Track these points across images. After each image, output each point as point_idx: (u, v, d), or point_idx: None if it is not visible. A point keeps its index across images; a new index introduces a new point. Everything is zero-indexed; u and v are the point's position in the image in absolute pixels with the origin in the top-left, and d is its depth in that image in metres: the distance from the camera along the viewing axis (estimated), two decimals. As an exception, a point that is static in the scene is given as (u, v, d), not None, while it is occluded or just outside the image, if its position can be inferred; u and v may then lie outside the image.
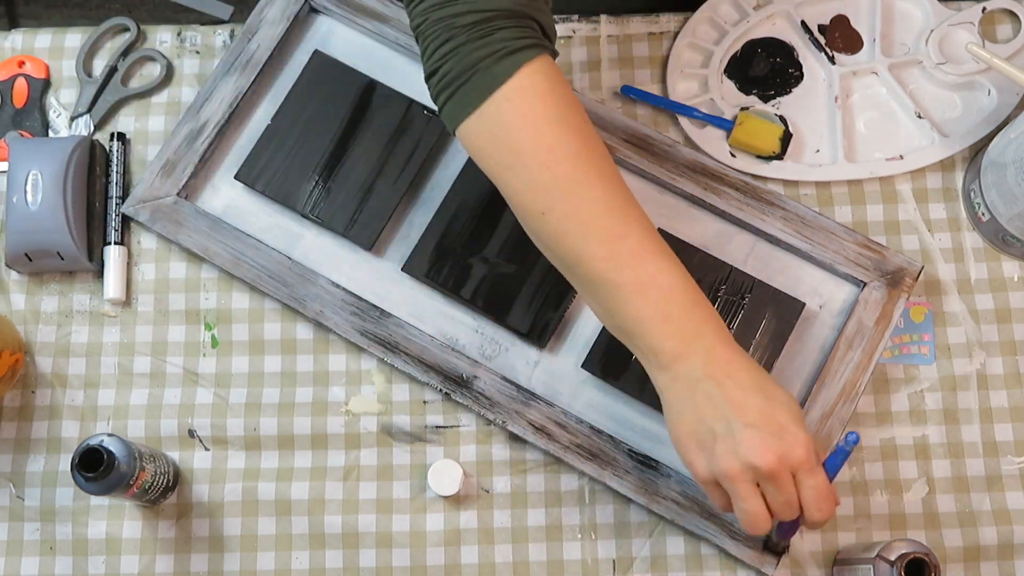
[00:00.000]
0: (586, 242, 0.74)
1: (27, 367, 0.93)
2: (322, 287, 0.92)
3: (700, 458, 0.72)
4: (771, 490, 0.71)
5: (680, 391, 0.73)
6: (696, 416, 0.72)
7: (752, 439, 0.70)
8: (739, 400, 0.71)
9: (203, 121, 0.96)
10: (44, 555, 0.89)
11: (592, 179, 0.74)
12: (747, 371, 0.72)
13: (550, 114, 0.74)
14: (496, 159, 0.75)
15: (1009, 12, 1.01)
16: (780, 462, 0.70)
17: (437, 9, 0.74)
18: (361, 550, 0.89)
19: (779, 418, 0.71)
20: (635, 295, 0.73)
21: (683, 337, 0.73)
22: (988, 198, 0.92)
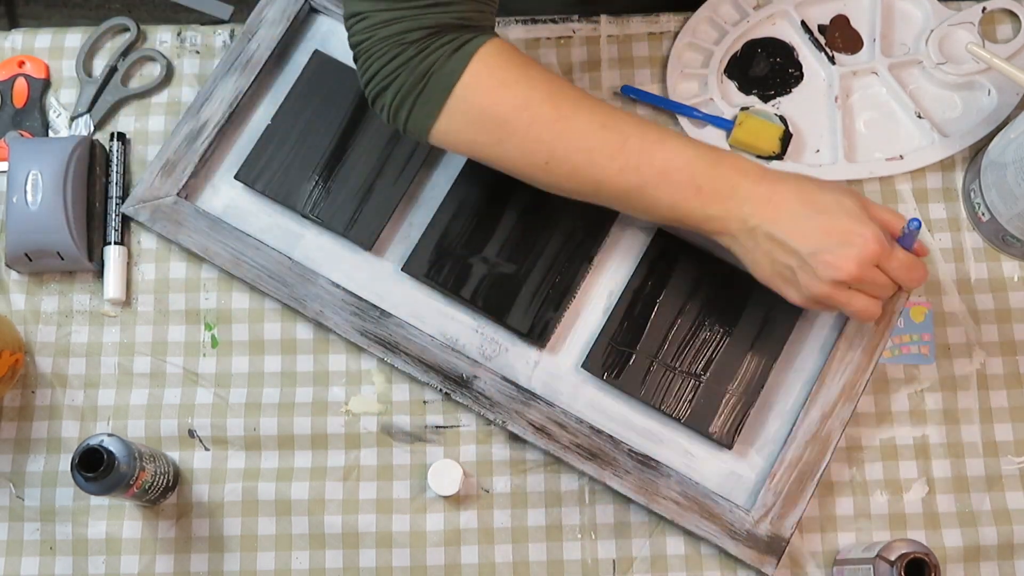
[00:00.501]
0: (596, 165, 0.77)
1: (27, 367, 0.93)
2: (322, 287, 0.92)
3: (791, 291, 0.78)
4: (865, 286, 0.76)
5: (744, 243, 0.78)
6: (769, 260, 0.77)
7: (825, 260, 0.74)
8: (797, 230, 0.75)
9: (203, 121, 0.96)
10: (44, 555, 0.89)
11: (573, 111, 0.78)
12: (792, 196, 0.76)
13: (512, 78, 0.78)
14: (482, 141, 0.79)
15: (1009, 12, 1.01)
16: (859, 266, 0.74)
17: (383, 27, 0.76)
18: (361, 550, 0.89)
19: (839, 226, 0.75)
20: (660, 187, 0.77)
21: (721, 198, 0.77)
22: (988, 198, 0.92)
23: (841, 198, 0.76)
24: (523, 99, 0.78)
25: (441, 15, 0.76)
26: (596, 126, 0.78)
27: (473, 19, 0.78)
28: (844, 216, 0.75)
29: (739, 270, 0.91)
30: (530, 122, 0.77)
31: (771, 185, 0.77)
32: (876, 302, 0.78)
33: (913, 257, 0.77)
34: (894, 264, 0.76)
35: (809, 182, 0.78)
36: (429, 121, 0.78)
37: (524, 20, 1.02)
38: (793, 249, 0.75)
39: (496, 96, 0.78)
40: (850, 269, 0.74)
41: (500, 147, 0.79)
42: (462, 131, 0.79)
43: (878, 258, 0.75)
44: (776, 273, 0.78)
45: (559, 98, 0.78)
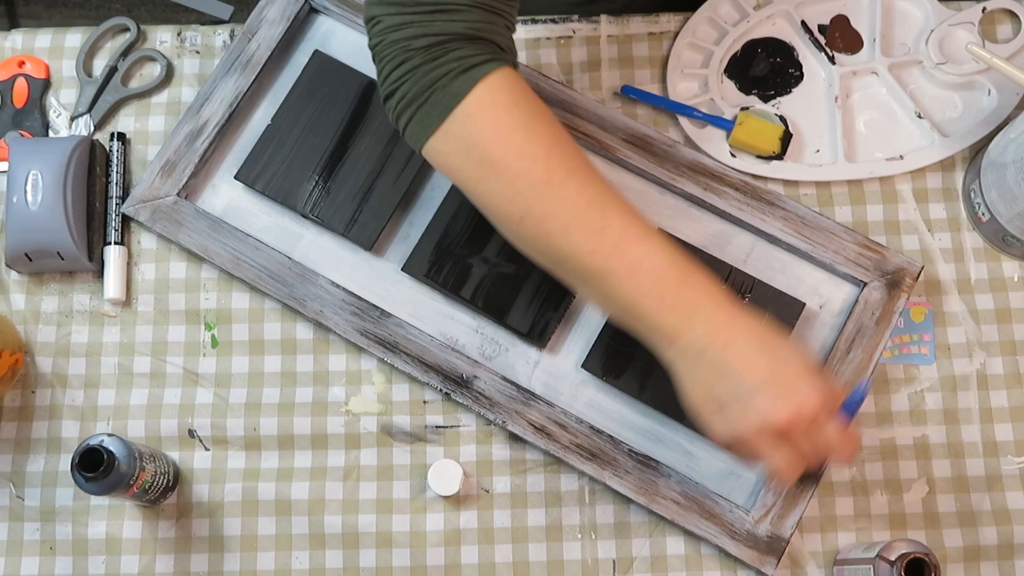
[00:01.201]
0: (569, 238, 0.74)
1: (27, 367, 0.93)
2: (322, 287, 0.92)
3: (717, 423, 0.74)
4: (792, 442, 0.72)
5: (688, 363, 0.74)
6: (705, 386, 0.73)
7: (762, 400, 0.71)
8: (744, 363, 0.72)
9: (203, 121, 0.96)
10: (44, 555, 0.89)
11: (565, 177, 0.75)
12: (749, 332, 0.73)
13: (514, 122, 0.75)
14: (467, 173, 0.76)
15: (1009, 12, 1.01)
16: (793, 418, 0.71)
17: (393, 31, 0.75)
18: (361, 550, 0.89)
19: (786, 374, 0.72)
20: (626, 281, 0.74)
21: (680, 312, 0.73)
22: (988, 198, 0.92)
23: (797, 353, 0.73)
24: (518, 148, 0.74)
25: (448, 23, 0.74)
26: (583, 202, 0.74)
27: (484, 30, 0.76)
28: (794, 368, 0.72)
29: (739, 270, 0.92)
30: (518, 173, 0.74)
31: (734, 316, 0.73)
32: (795, 464, 0.73)
33: (848, 431, 0.73)
34: (828, 431, 0.72)
35: (770, 329, 0.74)
36: (425, 135, 0.76)
37: (524, 20, 1.02)
38: (737, 379, 0.72)
39: (491, 135, 0.75)
40: (782, 418, 0.70)
41: (481, 185, 0.76)
42: (451, 155, 0.76)
43: (814, 418, 0.71)
44: (708, 400, 0.74)
45: (555, 160, 0.75)
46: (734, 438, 0.73)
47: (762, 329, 0.74)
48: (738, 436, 0.73)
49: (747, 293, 0.91)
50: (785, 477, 0.73)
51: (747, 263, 0.93)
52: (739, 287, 0.91)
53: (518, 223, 0.76)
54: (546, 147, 0.75)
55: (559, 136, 0.76)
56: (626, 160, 0.94)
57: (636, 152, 0.95)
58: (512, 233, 0.77)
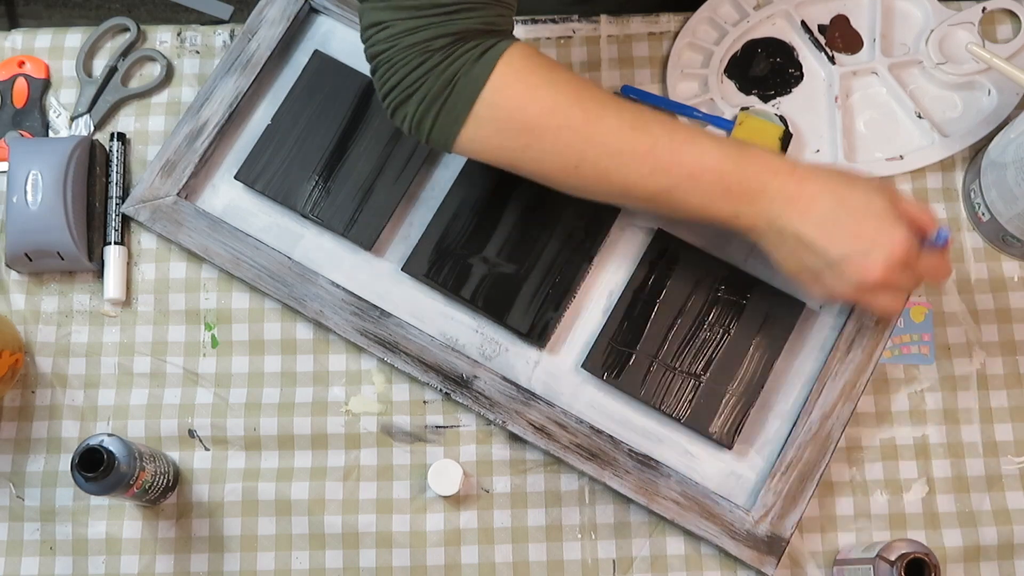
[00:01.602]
0: (626, 169, 0.77)
1: (27, 367, 0.93)
2: (322, 287, 0.92)
3: (816, 289, 0.79)
4: (890, 286, 0.76)
5: (772, 240, 0.78)
6: (795, 259, 0.78)
7: (852, 265, 0.75)
8: (825, 232, 0.75)
9: (203, 121, 0.96)
10: (44, 555, 0.89)
11: (600, 114, 0.77)
12: (821, 195, 0.76)
13: (539, 82, 0.77)
14: (509, 147, 0.78)
15: (1009, 12, 1.01)
16: (886, 271, 0.75)
17: (408, 35, 0.75)
18: (361, 550, 0.89)
19: (867, 230, 0.75)
20: (690, 190, 0.77)
21: (750, 199, 0.76)
22: (988, 198, 0.92)
23: (871, 197, 0.76)
24: (551, 103, 0.77)
25: (467, 21, 0.75)
26: (625, 128, 0.77)
27: (497, 23, 0.77)
28: (873, 218, 0.75)
29: (739, 270, 0.92)
30: (559, 126, 0.77)
31: (800, 184, 0.76)
32: (899, 299, 0.79)
33: (938, 259, 0.78)
34: (920, 266, 0.77)
35: (840, 179, 0.77)
36: (455, 128, 0.77)
37: (524, 20, 1.02)
38: (820, 252, 0.76)
39: (523, 101, 0.77)
40: (877, 274, 0.75)
41: (528, 152, 0.78)
42: (489, 137, 0.78)
43: (904, 262, 0.75)
44: (803, 270, 0.78)
45: (587, 101, 0.78)
46: (836, 298, 0.79)
47: (833, 186, 0.76)
48: (839, 296, 0.79)
49: (747, 293, 0.91)
50: (892, 313, 0.80)
51: (747, 263, 0.93)
52: (739, 287, 0.91)
53: (573, 174, 0.78)
54: (574, 95, 0.78)
55: (580, 82, 0.79)
56: (626, 160, 0.94)
57: (636, 152, 0.94)
58: (571, 185, 0.80)
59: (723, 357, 0.89)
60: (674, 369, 0.89)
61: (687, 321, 0.90)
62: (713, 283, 0.91)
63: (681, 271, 0.91)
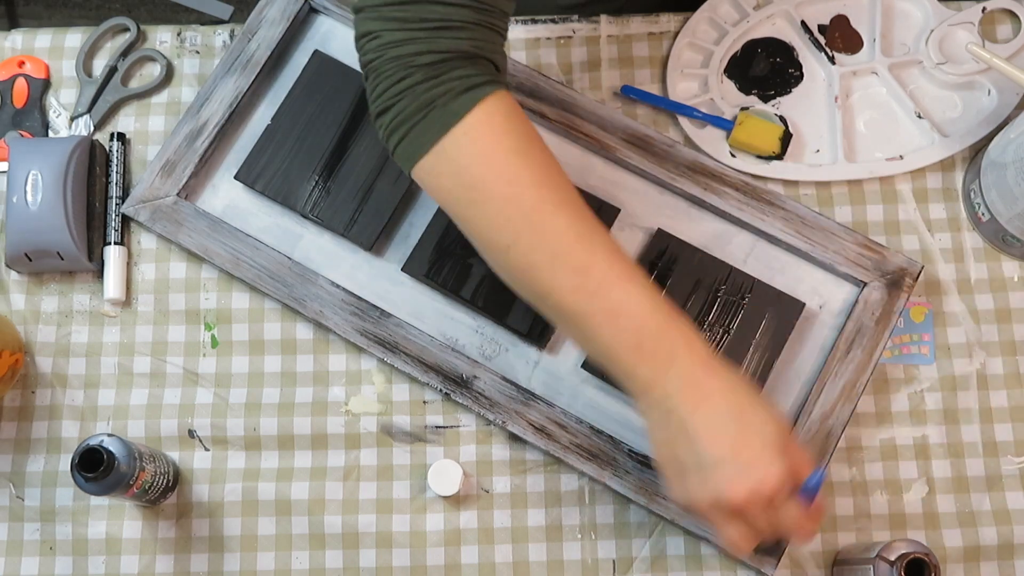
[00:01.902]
0: (553, 274, 0.73)
1: (27, 367, 0.93)
2: (322, 287, 0.92)
3: (675, 486, 0.73)
4: (748, 519, 0.71)
5: (656, 419, 0.73)
6: (670, 446, 0.72)
7: (720, 475, 0.69)
8: (709, 433, 0.70)
9: (203, 121, 0.96)
10: (44, 555, 0.89)
11: (555, 209, 0.73)
12: (722, 396, 0.71)
13: (510, 147, 0.73)
14: (457, 195, 0.74)
15: (1009, 12, 1.01)
16: (749, 497, 0.69)
17: (394, 47, 0.73)
18: (361, 550, 0.89)
19: (750, 449, 0.70)
20: (604, 324, 0.72)
21: (655, 364, 0.72)
22: (988, 198, 0.92)
23: (767, 422, 0.71)
24: (510, 173, 0.73)
25: (453, 40, 0.73)
26: (571, 234, 0.72)
27: (484, 48, 0.75)
28: (759, 442, 0.70)
29: (739, 270, 0.92)
30: (507, 199, 0.73)
31: (708, 375, 0.71)
32: (749, 539, 0.72)
33: (805, 515, 0.72)
34: (784, 513, 0.71)
35: (746, 393, 0.72)
36: (419, 153, 0.74)
37: (524, 20, 1.02)
38: (699, 448, 0.70)
39: (486, 156, 0.73)
40: (738, 497, 0.69)
41: (471, 209, 0.74)
42: (443, 176, 0.74)
43: (770, 499, 0.70)
44: (671, 461, 0.73)
45: (546, 189, 0.73)
46: (690, 504, 0.72)
47: (735, 392, 0.71)
48: (693, 504, 0.72)
49: (747, 293, 0.91)
50: (738, 550, 0.72)
51: (747, 263, 0.93)
52: (739, 287, 0.91)
53: (504, 252, 0.74)
54: (538, 176, 0.73)
55: (551, 166, 0.75)
56: (626, 160, 0.95)
57: (636, 152, 0.95)
58: (497, 263, 0.76)
59: (723, 357, 0.89)
60: (674, 369, 0.89)
61: (687, 321, 0.90)
62: (713, 283, 0.91)
63: (681, 271, 0.91)
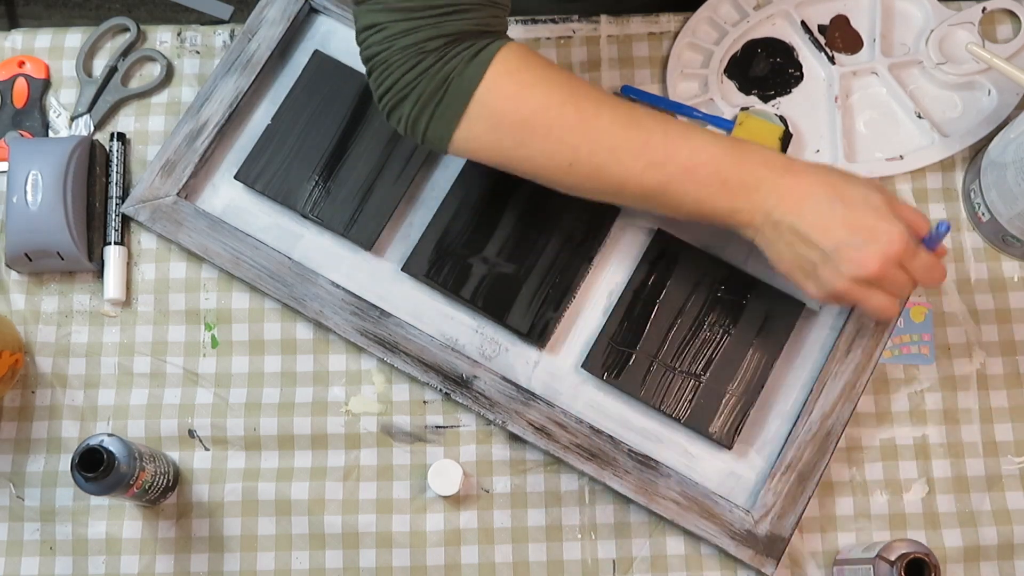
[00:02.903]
0: (621, 164, 0.77)
1: (27, 367, 0.93)
2: (322, 287, 0.92)
3: (811, 285, 0.77)
4: (886, 284, 0.76)
5: (768, 235, 0.77)
6: (791, 252, 0.77)
7: (848, 257, 0.74)
8: (821, 224, 0.75)
9: (203, 121, 0.96)
10: (44, 555, 0.89)
11: (596, 110, 0.77)
12: (818, 188, 0.75)
13: (531, 80, 0.77)
14: (504, 145, 0.78)
15: (1009, 12, 1.01)
16: (882, 264, 0.74)
17: (403, 36, 0.75)
18: (361, 550, 0.89)
19: (864, 222, 0.74)
20: (685, 184, 0.77)
21: (746, 193, 0.76)
22: (988, 198, 0.92)
23: (868, 193, 0.76)
24: (544, 101, 0.77)
25: (460, 22, 0.76)
26: (619, 125, 0.77)
27: (491, 24, 0.78)
28: (870, 212, 0.75)
29: (739, 270, 0.92)
30: (552, 123, 0.77)
31: (796, 177, 0.76)
32: (894, 300, 0.77)
33: (935, 258, 0.77)
34: (916, 264, 0.75)
35: (836, 174, 0.77)
36: (450, 128, 0.77)
37: (524, 20, 1.02)
38: (816, 243, 0.75)
39: (517, 99, 0.77)
40: (873, 267, 0.74)
41: (523, 150, 0.78)
42: (483, 136, 0.78)
43: (901, 257, 0.74)
44: (798, 266, 0.77)
45: (580, 98, 0.78)
46: (831, 294, 0.76)
47: (829, 180, 0.76)
48: (834, 291, 0.76)
49: (747, 293, 0.91)
50: (887, 314, 0.77)
51: (747, 263, 0.93)
52: (739, 287, 0.91)
53: (569, 170, 0.78)
54: (568, 91, 0.78)
55: (574, 79, 0.79)
56: (626, 160, 0.94)
57: (636, 152, 0.94)
58: (567, 183, 0.80)
59: (723, 357, 0.89)
60: (674, 369, 0.89)
61: (687, 321, 0.90)
62: (713, 283, 0.91)
63: (681, 271, 0.91)
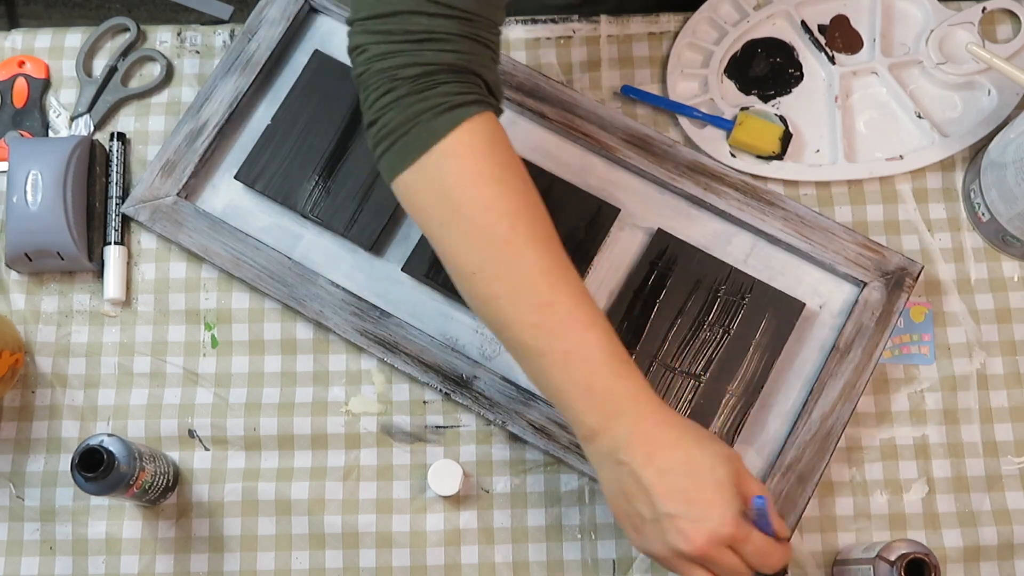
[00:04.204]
0: (515, 307, 0.72)
1: (27, 367, 0.93)
2: (322, 287, 0.92)
3: (634, 535, 0.73)
4: (710, 564, 0.70)
5: (608, 470, 0.73)
6: (624, 499, 0.72)
7: (677, 527, 0.69)
8: (661, 485, 0.70)
9: (203, 121, 0.96)
10: (44, 555, 0.89)
11: (526, 242, 0.72)
12: (670, 448, 0.71)
13: (489, 173, 0.73)
14: (431, 215, 0.74)
15: (1009, 12, 1.01)
16: (708, 544, 0.69)
17: (380, 60, 0.73)
18: (361, 550, 0.89)
19: (702, 496, 0.70)
20: (558, 365, 0.72)
21: (604, 412, 0.71)
22: (988, 198, 0.92)
23: (716, 464, 0.70)
24: (487, 202, 0.72)
25: (438, 52, 0.72)
26: (537, 271, 0.72)
27: (472, 62, 0.74)
28: (712, 487, 0.70)
29: (739, 270, 0.92)
30: (481, 226, 0.72)
31: (658, 426, 0.71)
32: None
33: (770, 542, 0.71)
34: (748, 548, 0.70)
35: (694, 437, 0.72)
36: (400, 167, 0.73)
37: (524, 20, 1.02)
38: (651, 502, 0.70)
39: (465, 181, 0.72)
40: (697, 544, 0.69)
41: (443, 230, 0.74)
42: (421, 193, 0.74)
43: (732, 540, 0.69)
44: (625, 515, 0.73)
45: (521, 220, 0.73)
46: (651, 556, 0.72)
47: (685, 443, 0.71)
48: (655, 556, 0.72)
49: (747, 293, 0.91)
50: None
51: (747, 263, 0.93)
52: (739, 287, 0.91)
53: (469, 278, 0.74)
54: (515, 205, 0.73)
55: (530, 196, 0.74)
56: (626, 160, 0.95)
57: (636, 152, 0.95)
58: (461, 286, 0.75)
59: (723, 357, 0.89)
60: (674, 369, 0.89)
61: (687, 321, 0.90)
62: (713, 283, 0.91)
63: (681, 271, 0.91)
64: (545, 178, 0.93)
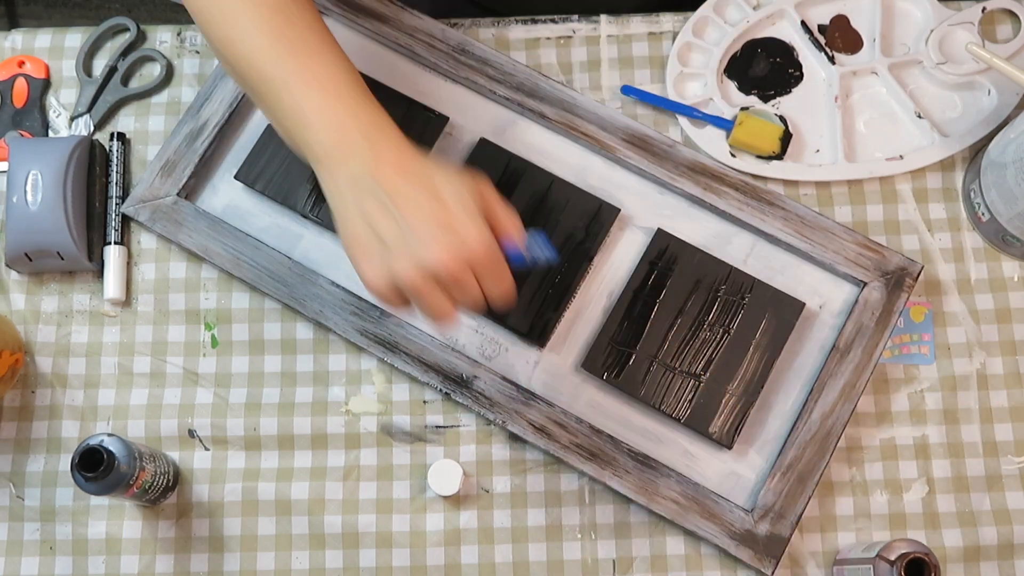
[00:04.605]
0: (250, 37, 0.72)
1: (27, 367, 0.93)
2: (322, 287, 0.92)
3: (369, 266, 0.70)
4: (452, 286, 0.69)
5: (345, 193, 0.70)
6: (364, 221, 0.69)
7: (426, 241, 0.67)
8: (410, 201, 0.68)
9: (203, 121, 0.96)
10: (44, 555, 0.89)
11: None
12: (416, 168, 0.69)
13: None
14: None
15: (1009, 12, 1.01)
16: (456, 259, 0.67)
17: None
18: (361, 550, 0.89)
19: (450, 214, 0.68)
20: (295, 87, 0.71)
21: (344, 130, 0.70)
22: (988, 198, 0.92)
23: (462, 191, 0.69)
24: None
25: None
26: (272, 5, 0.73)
27: None
28: (461, 209, 0.69)
29: (739, 270, 0.92)
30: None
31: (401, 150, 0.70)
32: (451, 309, 0.70)
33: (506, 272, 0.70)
34: (486, 273, 0.69)
35: (439, 168, 0.71)
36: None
37: (524, 20, 1.02)
38: (398, 219, 0.68)
39: None
40: (447, 258, 0.67)
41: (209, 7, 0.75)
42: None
43: (480, 260, 0.69)
44: (364, 241, 0.70)
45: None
46: (390, 279, 0.69)
47: (429, 168, 0.70)
48: (396, 278, 0.69)
49: (747, 293, 0.91)
50: (443, 318, 0.70)
51: (747, 263, 0.93)
52: (739, 287, 0.91)
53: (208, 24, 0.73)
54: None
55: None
56: (626, 160, 0.95)
57: (636, 152, 0.95)
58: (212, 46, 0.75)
59: (723, 357, 0.89)
60: (674, 369, 0.89)
61: (687, 321, 0.90)
62: (713, 283, 0.91)
63: (681, 271, 0.91)
64: (545, 178, 0.93)
